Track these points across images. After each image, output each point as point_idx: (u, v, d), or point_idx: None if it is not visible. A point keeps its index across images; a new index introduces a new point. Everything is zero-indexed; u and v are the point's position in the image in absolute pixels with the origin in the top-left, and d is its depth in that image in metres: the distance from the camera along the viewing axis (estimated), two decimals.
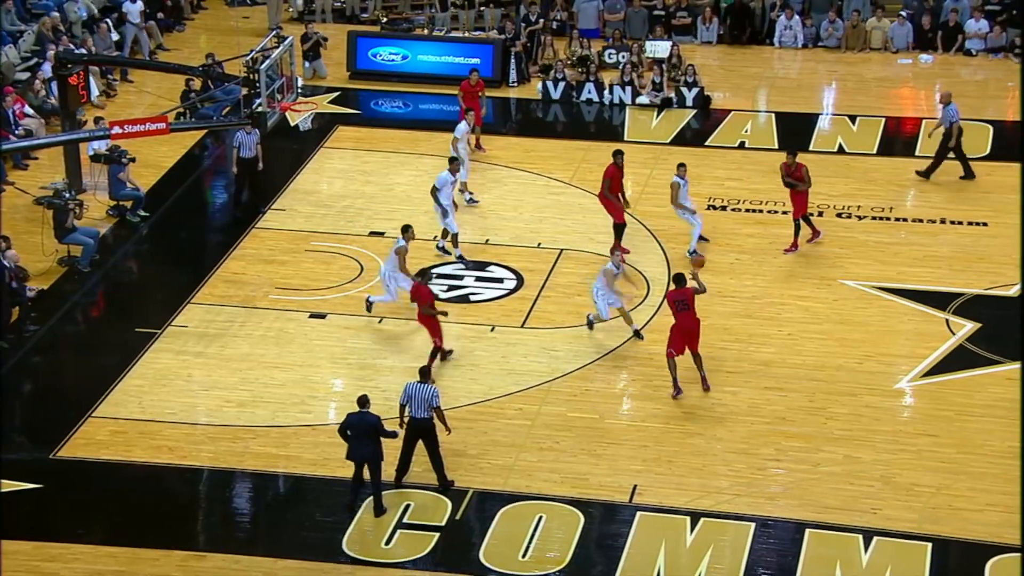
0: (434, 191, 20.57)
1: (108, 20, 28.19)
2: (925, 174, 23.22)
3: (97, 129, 21.96)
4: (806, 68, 29.03)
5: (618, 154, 20.87)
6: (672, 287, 17.90)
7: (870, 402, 17.63)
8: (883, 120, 25.81)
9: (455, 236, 20.64)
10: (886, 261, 20.92)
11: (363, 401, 15.57)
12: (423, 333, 18.75)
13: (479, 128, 24.41)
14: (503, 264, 20.71)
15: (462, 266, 20.54)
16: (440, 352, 18.07)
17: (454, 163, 20.92)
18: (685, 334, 17.58)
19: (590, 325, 18.91)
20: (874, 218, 22.26)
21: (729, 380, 18.07)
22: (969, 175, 23.18)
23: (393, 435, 15.66)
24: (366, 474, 15.62)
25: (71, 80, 22.55)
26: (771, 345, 18.87)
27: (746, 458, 16.57)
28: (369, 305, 19.29)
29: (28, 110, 24.41)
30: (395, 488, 15.90)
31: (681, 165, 20.92)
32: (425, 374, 15.72)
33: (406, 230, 19.16)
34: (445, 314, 18.30)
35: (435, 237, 21.38)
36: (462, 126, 22.70)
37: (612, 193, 20.59)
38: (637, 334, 18.77)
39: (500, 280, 20.33)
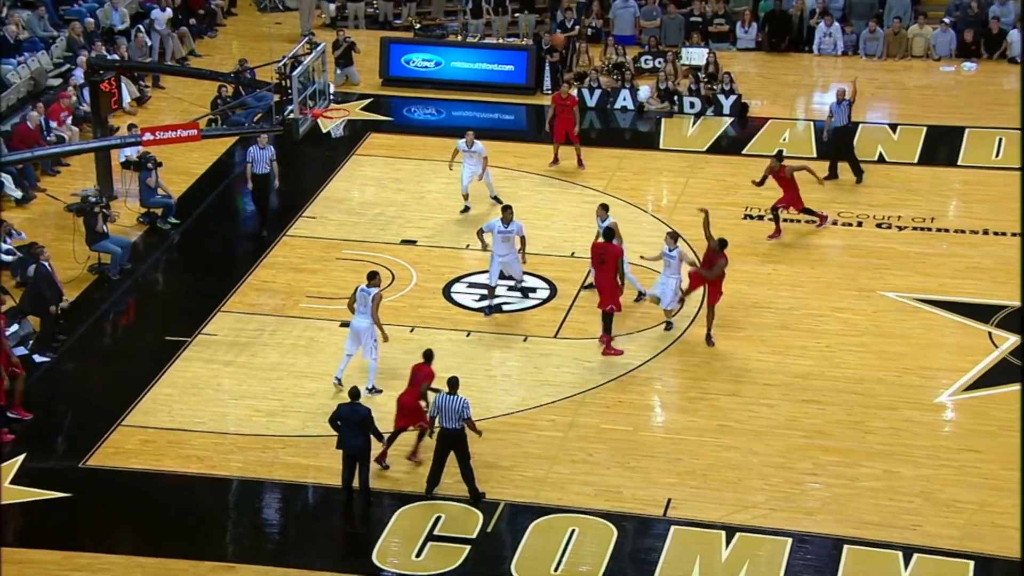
0: (480, 233, 19.83)
1: (141, 26, 28.41)
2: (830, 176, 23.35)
3: (128, 136, 22.14)
4: (846, 76, 28.85)
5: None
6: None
7: (910, 416, 17.54)
8: (924, 129, 25.70)
9: (492, 289, 19.74)
10: (927, 273, 20.81)
11: (355, 393, 15.74)
12: (452, 343, 18.80)
13: (578, 144, 24.03)
14: (536, 274, 20.72)
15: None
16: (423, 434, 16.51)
17: (507, 212, 19.51)
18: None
19: (640, 297, 19.21)
20: (915, 228, 22.16)
21: (766, 393, 18.02)
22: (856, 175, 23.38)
23: (382, 438, 15.80)
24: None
25: (103, 86, 22.74)
26: (809, 357, 18.81)
27: (783, 472, 16.52)
28: (370, 391, 17.75)
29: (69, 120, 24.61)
30: (426, 500, 15.94)
31: (604, 207, 20.10)
32: (454, 385, 15.75)
33: (372, 277, 17.85)
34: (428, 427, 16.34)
35: (467, 245, 21.45)
36: (461, 143, 22.31)
37: None
38: (668, 325, 19.04)
39: (533, 290, 20.36)
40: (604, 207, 20.17)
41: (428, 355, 16.68)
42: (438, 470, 15.91)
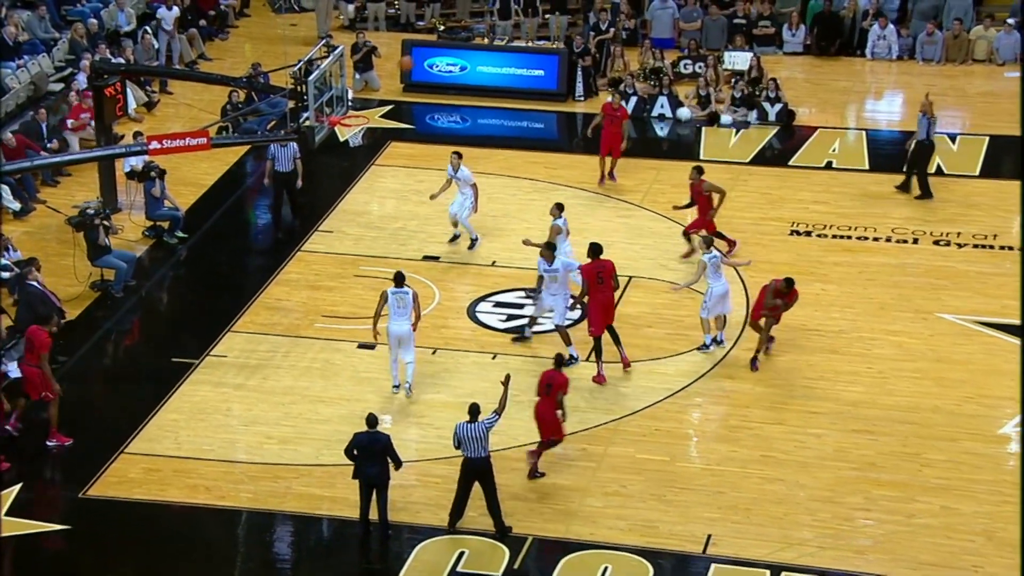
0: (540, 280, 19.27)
1: (148, 28, 28.62)
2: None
3: (133, 144, 22.31)
4: (901, 81, 28.90)
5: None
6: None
7: (970, 448, 17.45)
8: (986, 139, 25.62)
9: (532, 319, 19.71)
10: (989, 293, 20.73)
11: (372, 420, 15.79)
12: (478, 366, 18.82)
13: (614, 160, 23.85)
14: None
15: (523, 295, 20.52)
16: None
17: (549, 251, 19.06)
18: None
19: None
20: (976, 246, 22.08)
21: (813, 421, 17.97)
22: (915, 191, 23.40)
23: (400, 464, 15.87)
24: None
25: (107, 91, 22.93)
26: (860, 384, 18.75)
27: (832, 507, 16.45)
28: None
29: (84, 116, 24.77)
30: (449, 534, 15.95)
31: (559, 205, 20.45)
32: (475, 413, 15.75)
33: (401, 278, 18.19)
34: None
35: (493, 262, 21.49)
36: (449, 169, 21.92)
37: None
38: (716, 341, 19.20)
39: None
40: (559, 206, 20.30)
41: (560, 361, 16.96)
42: (462, 502, 15.92)
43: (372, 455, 15.69)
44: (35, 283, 19.26)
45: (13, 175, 22.66)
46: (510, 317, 20.33)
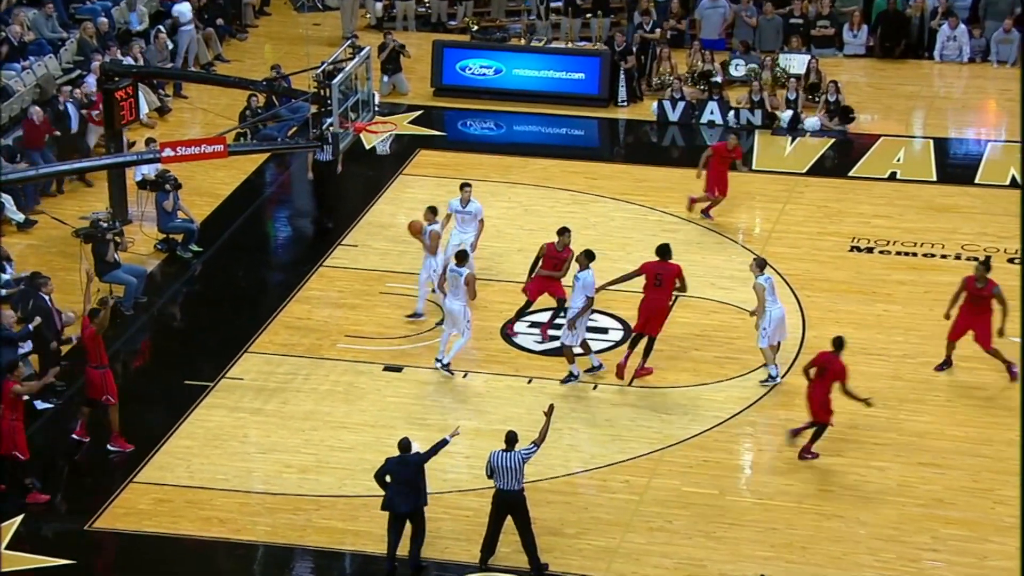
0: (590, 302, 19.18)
1: (163, 27, 28.81)
2: None
3: (146, 151, 22.45)
4: (973, 86, 28.78)
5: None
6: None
7: None
8: None
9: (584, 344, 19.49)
10: None
11: (405, 445, 15.81)
12: (511, 390, 18.83)
13: (717, 200, 23.18)
14: (608, 312, 20.73)
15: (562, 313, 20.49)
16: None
17: (586, 256, 19.19)
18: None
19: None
20: None
21: (875, 453, 17.88)
22: None
23: (443, 443, 15.97)
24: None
25: (118, 95, 23.10)
26: (926, 413, 18.66)
27: (896, 546, 16.36)
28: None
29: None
30: (480, 572, 15.94)
31: (432, 209, 20.75)
32: (511, 441, 15.75)
33: (464, 256, 19.30)
34: None
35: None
36: (455, 202, 21.45)
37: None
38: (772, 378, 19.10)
39: (604, 331, 20.35)
40: (432, 210, 20.64)
41: (839, 343, 17.33)
42: (494, 537, 15.92)
43: (402, 483, 15.68)
44: (46, 297, 19.37)
45: (17, 184, 22.84)
46: (550, 338, 20.31)
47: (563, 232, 20.15)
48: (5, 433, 17.02)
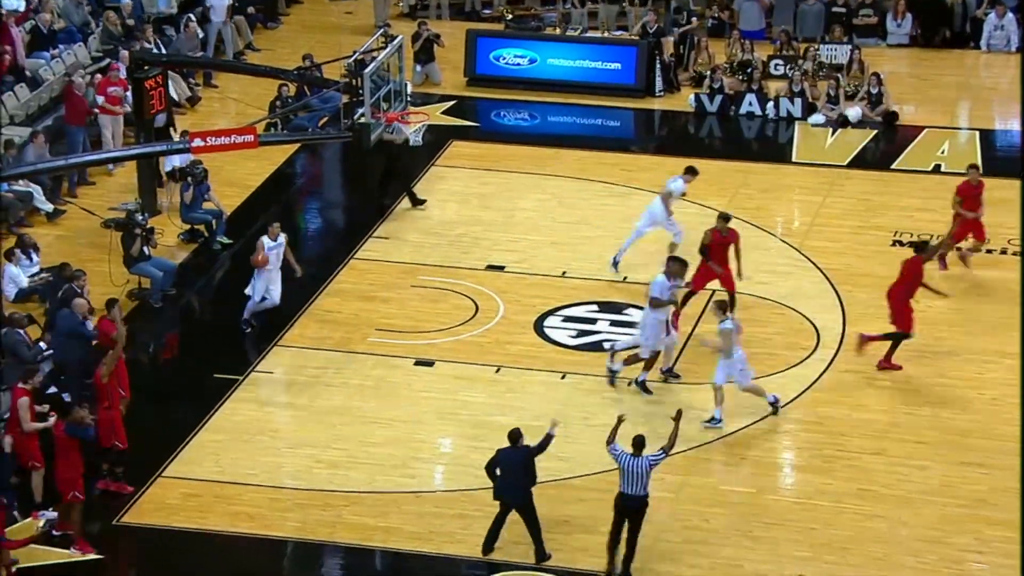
0: (655, 303, 18.79)
1: (192, 15, 28.88)
2: None
3: (175, 141, 22.50)
4: (1020, 76, 28.55)
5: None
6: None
7: None
8: None
9: (651, 360, 18.99)
10: None
11: (515, 436, 15.84)
12: (545, 386, 18.79)
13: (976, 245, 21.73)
14: (642, 306, 20.64)
15: (595, 308, 20.37)
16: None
17: (676, 265, 19.03)
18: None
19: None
20: None
21: (918, 452, 17.78)
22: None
23: (547, 444, 15.85)
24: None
25: (147, 84, 23.16)
26: (970, 411, 18.54)
27: (939, 548, 16.28)
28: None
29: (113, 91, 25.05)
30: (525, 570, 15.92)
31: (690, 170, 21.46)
32: (639, 446, 15.60)
33: (675, 264, 18.99)
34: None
35: (563, 273, 21.44)
36: (679, 184, 21.60)
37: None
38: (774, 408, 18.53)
39: (635, 324, 20.26)
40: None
41: (920, 245, 18.99)
42: (617, 539, 15.70)
43: (511, 473, 15.75)
44: (79, 290, 19.38)
45: (48, 175, 22.96)
46: (580, 333, 20.28)
47: (724, 217, 20.15)
48: (103, 424, 17.02)
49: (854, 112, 26.43)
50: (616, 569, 15.72)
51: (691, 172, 21.53)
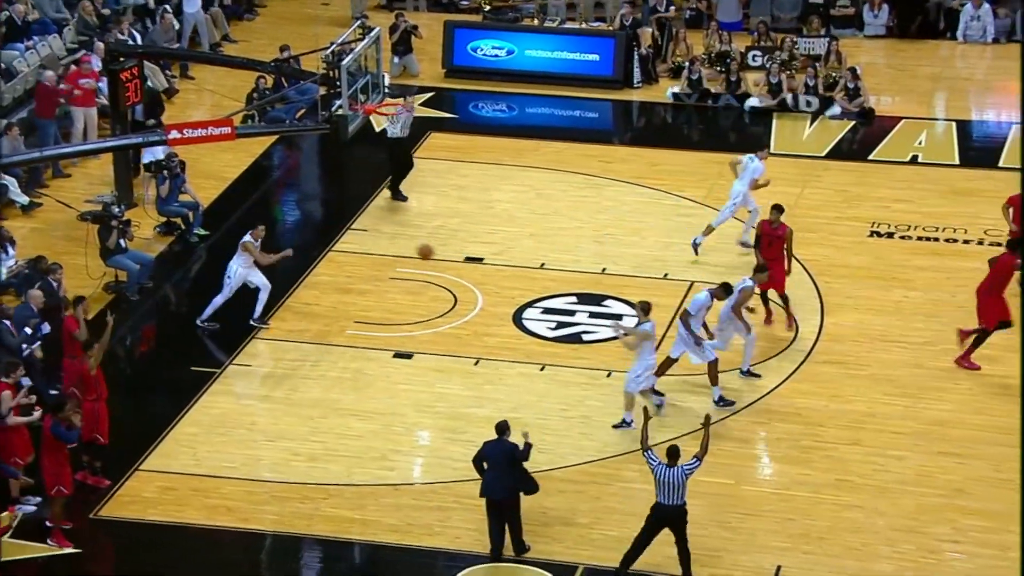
0: (686, 316, 18.50)
1: (167, 6, 28.81)
2: None
3: (151, 133, 22.48)
4: (997, 67, 28.68)
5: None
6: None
7: None
8: None
9: (712, 364, 18.56)
10: None
11: (502, 428, 15.82)
12: (524, 378, 18.84)
13: None
14: (621, 298, 20.75)
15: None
16: None
17: (721, 290, 18.55)
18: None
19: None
20: None
21: (894, 442, 17.87)
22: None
23: (527, 453, 15.73)
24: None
25: (123, 76, 23.11)
26: (947, 401, 18.64)
27: (915, 537, 16.36)
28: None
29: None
30: (490, 563, 15.95)
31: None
32: (675, 455, 15.44)
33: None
34: None
35: (542, 265, 21.49)
36: (759, 165, 21.61)
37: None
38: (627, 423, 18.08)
39: (619, 317, 20.35)
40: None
41: (1013, 243, 18.89)
42: (641, 548, 15.56)
43: (500, 466, 15.71)
44: (55, 283, 19.39)
45: (21, 166, 22.89)
46: (559, 325, 20.34)
47: (778, 209, 20.10)
48: (87, 415, 16.94)
49: (832, 111, 26.52)
50: (629, 566, 15.63)
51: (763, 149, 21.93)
